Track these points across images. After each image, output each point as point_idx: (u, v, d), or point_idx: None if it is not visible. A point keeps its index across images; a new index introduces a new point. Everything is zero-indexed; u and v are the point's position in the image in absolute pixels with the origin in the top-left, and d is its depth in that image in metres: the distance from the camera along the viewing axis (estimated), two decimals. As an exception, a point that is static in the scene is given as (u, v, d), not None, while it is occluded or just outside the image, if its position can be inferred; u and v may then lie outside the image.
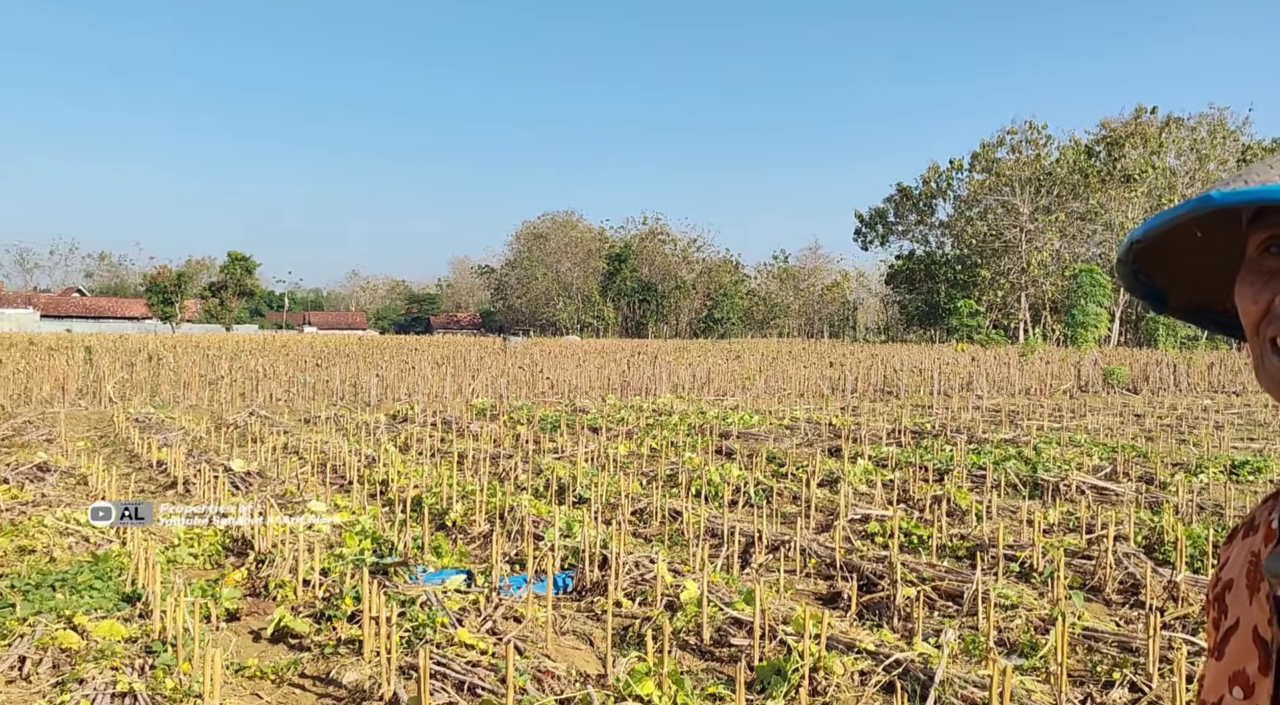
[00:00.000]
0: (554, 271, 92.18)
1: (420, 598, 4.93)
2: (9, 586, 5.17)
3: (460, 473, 9.42)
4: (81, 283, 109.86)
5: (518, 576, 5.73)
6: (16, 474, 9.08)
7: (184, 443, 11.61)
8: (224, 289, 77.77)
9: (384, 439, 12.14)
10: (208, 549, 6.56)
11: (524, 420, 14.42)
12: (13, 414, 15.26)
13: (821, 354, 35.75)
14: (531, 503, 7.59)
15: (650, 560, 5.90)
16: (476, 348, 38.68)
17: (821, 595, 5.90)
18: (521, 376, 22.14)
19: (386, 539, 6.41)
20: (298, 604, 5.16)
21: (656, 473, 9.53)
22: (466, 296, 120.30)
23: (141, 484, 9.44)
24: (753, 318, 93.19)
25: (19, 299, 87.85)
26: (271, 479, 9.11)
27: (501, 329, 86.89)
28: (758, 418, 14.41)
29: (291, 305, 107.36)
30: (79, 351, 28.35)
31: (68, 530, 6.71)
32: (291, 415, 15.76)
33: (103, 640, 4.35)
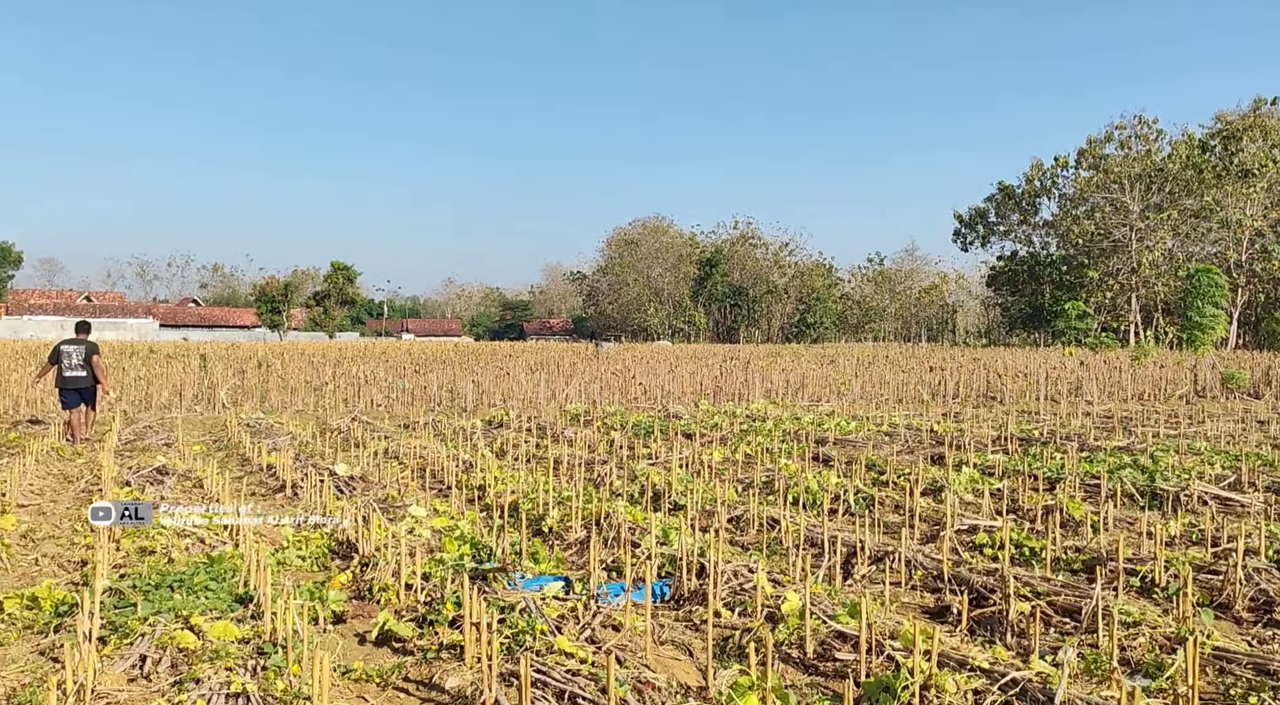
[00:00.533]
0: (645, 277, 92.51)
1: (519, 604, 4.93)
2: (130, 586, 5.38)
3: (556, 478, 9.46)
4: (197, 293, 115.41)
5: (614, 584, 5.69)
6: (138, 477, 9.51)
7: (291, 447, 11.99)
8: (327, 298, 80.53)
9: (480, 444, 12.31)
10: (315, 552, 6.73)
11: (617, 426, 14.44)
12: (135, 419, 16.05)
13: (920, 358, 34.88)
14: (627, 509, 7.56)
15: (749, 569, 5.79)
16: (569, 353, 39.06)
17: (929, 609, 5.69)
18: (614, 382, 22.21)
19: (485, 544, 6.46)
20: (400, 608, 5.23)
21: (752, 479, 9.40)
22: (559, 303, 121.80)
23: (253, 487, 9.77)
24: (846, 322, 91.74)
25: (140, 309, 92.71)
26: (374, 483, 9.32)
27: (593, 335, 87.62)
28: (855, 424, 14.10)
29: (390, 313, 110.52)
30: (194, 359, 29.71)
31: (185, 532, 6.97)
32: (391, 420, 16.15)
33: (217, 641, 4.47)
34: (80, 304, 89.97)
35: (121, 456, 11.21)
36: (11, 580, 6.12)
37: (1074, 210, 69.20)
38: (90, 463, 10.95)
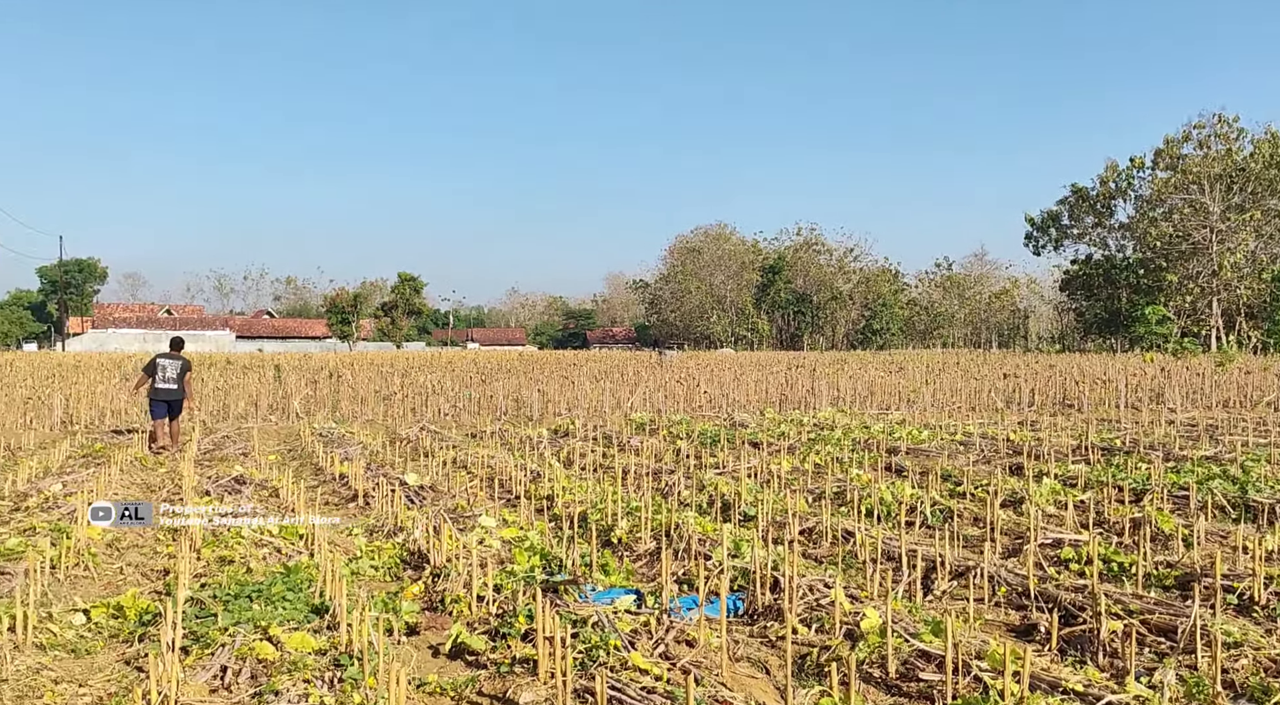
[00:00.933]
0: (707, 285, 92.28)
1: (591, 618, 4.88)
2: (211, 596, 5.47)
3: (623, 488, 9.41)
4: (271, 305, 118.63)
5: (686, 597, 5.60)
6: (217, 486, 9.73)
7: (362, 456, 12.16)
8: (395, 308, 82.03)
9: (547, 454, 12.33)
10: (387, 562, 6.78)
11: (683, 434, 14.35)
12: (213, 429, 16.48)
13: (992, 365, 34.09)
14: (696, 520, 7.47)
15: (825, 584, 5.65)
16: (633, 362, 39.09)
17: (1014, 627, 5.48)
18: (678, 390, 22.13)
19: (555, 556, 6.43)
20: (473, 620, 5.22)
21: (823, 490, 9.22)
22: (621, 311, 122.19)
23: (326, 496, 9.91)
24: (914, 328, 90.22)
25: (217, 322, 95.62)
26: (443, 493, 9.38)
27: (656, 343, 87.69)
28: (927, 433, 13.79)
29: (455, 322, 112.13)
30: (269, 370, 30.47)
31: (262, 542, 7.08)
32: (458, 430, 16.30)
33: (295, 651, 4.51)
34: (161, 317, 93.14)
35: (201, 466, 11.49)
36: (98, 589, 6.28)
37: (1151, 212, 67.10)
38: (172, 472, 11.25)
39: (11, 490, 9.27)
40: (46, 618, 5.19)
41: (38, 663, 4.61)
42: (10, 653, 4.57)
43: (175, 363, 13.21)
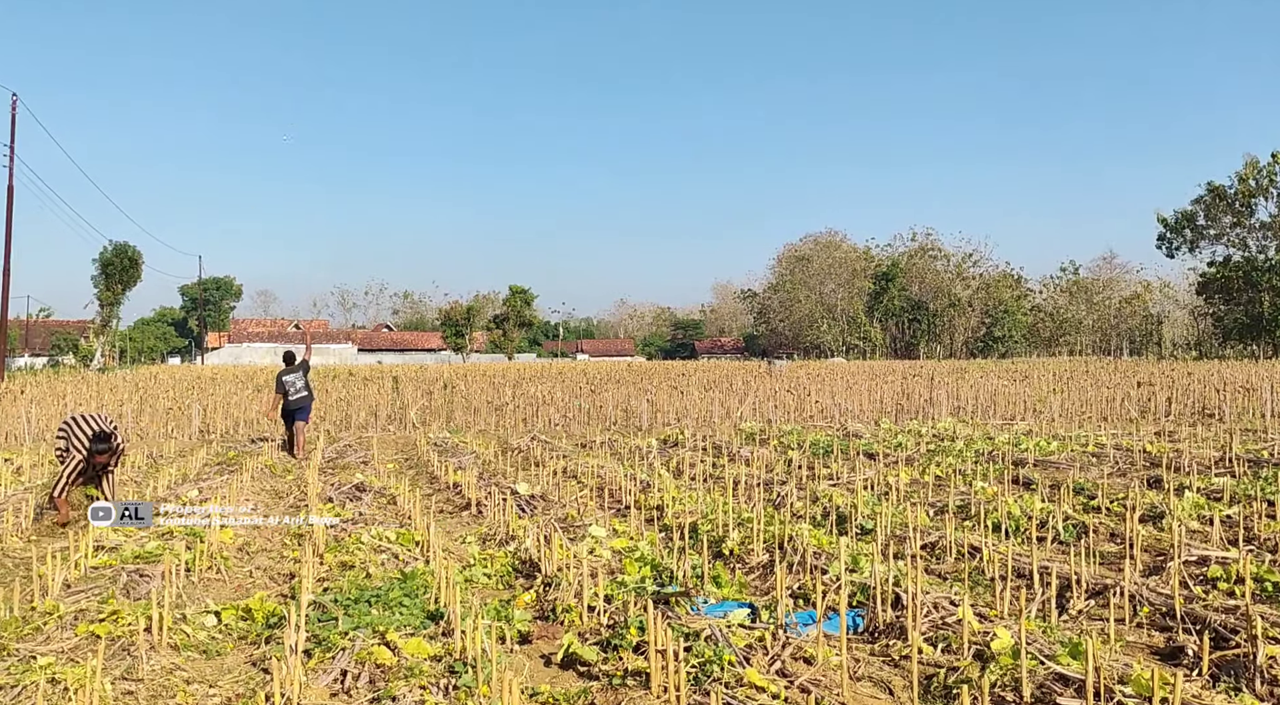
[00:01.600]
0: (817, 293, 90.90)
1: (704, 631, 4.76)
2: (332, 600, 5.59)
3: (734, 499, 9.26)
4: (389, 319, 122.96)
5: (803, 612, 5.42)
6: (339, 493, 10.03)
7: (475, 466, 12.36)
8: (506, 320, 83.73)
9: (656, 464, 12.27)
10: (500, 569, 6.82)
11: (795, 445, 14.07)
12: (336, 438, 17.09)
13: (1124, 372, 32.36)
14: (811, 532, 7.26)
15: (951, 602, 5.38)
16: (741, 372, 38.76)
17: (1158, 650, 5.09)
18: (789, 400, 21.78)
19: (665, 567, 6.33)
20: (584, 630, 5.17)
21: (945, 503, 8.86)
22: (729, 321, 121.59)
23: (440, 504, 10.10)
24: (1038, 335, 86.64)
25: (340, 335, 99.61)
26: (553, 502, 9.42)
27: (765, 353, 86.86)
28: (1056, 444, 13.13)
29: (565, 334, 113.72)
30: (388, 381, 31.49)
31: (380, 547, 7.24)
32: (568, 440, 16.42)
33: (411, 657, 4.55)
34: (290, 332, 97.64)
35: (325, 473, 11.89)
36: (229, 591, 6.52)
37: (1297, 208, 62.66)
38: (298, 479, 11.68)
39: (152, 495, 9.77)
40: (180, 619, 5.39)
41: (171, 663, 4.78)
42: (146, 653, 4.76)
43: (296, 374, 14.18)
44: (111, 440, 8.52)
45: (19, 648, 4.68)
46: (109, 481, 8.84)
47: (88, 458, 8.44)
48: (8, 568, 7.19)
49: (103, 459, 8.57)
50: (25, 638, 4.86)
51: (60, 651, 4.67)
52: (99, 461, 8.59)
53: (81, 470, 8.53)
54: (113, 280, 53.79)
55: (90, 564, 6.54)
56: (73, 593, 5.81)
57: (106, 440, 8.44)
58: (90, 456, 8.44)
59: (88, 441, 8.37)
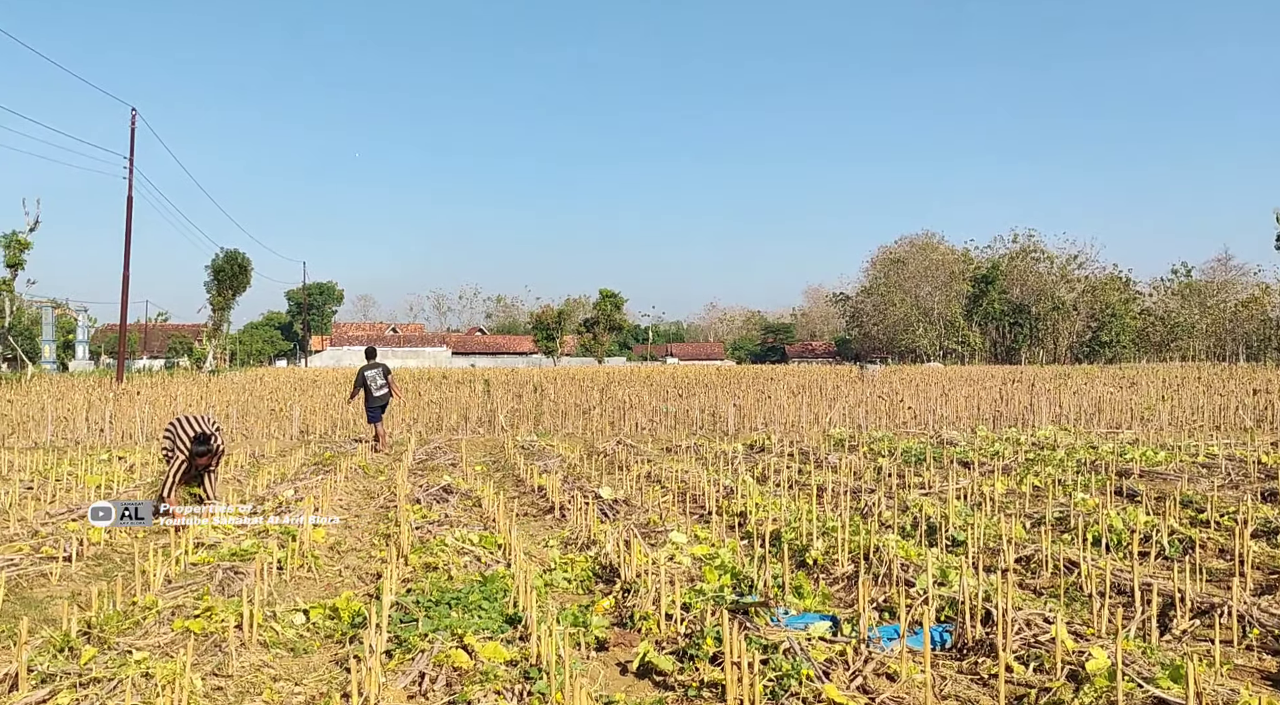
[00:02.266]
0: (913, 296, 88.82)
1: (783, 644, 4.65)
2: (414, 602, 5.67)
3: (819, 507, 9.07)
4: (482, 323, 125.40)
5: (887, 626, 5.25)
6: (427, 495, 10.22)
7: (560, 469, 12.44)
8: (596, 324, 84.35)
9: (741, 469, 12.14)
10: (579, 574, 6.82)
11: (885, 452, 13.74)
12: (427, 440, 17.45)
13: (1239, 379, 30.64)
14: (898, 543, 7.05)
15: (1045, 619, 5.14)
16: (832, 376, 38.15)
17: (1269, 675, 4.76)
18: (881, 406, 21.31)
19: (745, 575, 6.23)
20: (661, 639, 5.12)
21: (1042, 515, 8.50)
22: (821, 325, 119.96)
23: (525, 508, 10.19)
24: (1148, 340, 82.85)
25: (435, 338, 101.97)
26: (636, 507, 9.40)
27: (858, 357, 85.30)
28: (1163, 454, 12.48)
29: (655, 338, 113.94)
30: (479, 384, 32.07)
31: (463, 550, 7.33)
32: (654, 444, 16.40)
33: (487, 661, 4.57)
34: (388, 335, 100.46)
35: (414, 475, 12.14)
36: (319, 590, 6.69)
37: None
38: (389, 481, 11.95)
39: (251, 494, 10.13)
40: (271, 617, 5.55)
41: (260, 660, 4.92)
42: (237, 649, 4.90)
43: (379, 371, 15.05)
44: (211, 442, 8.84)
45: (119, 641, 4.88)
46: (210, 481, 9.19)
47: (190, 458, 8.78)
48: (115, 562, 7.54)
49: (204, 460, 8.90)
50: (125, 632, 5.07)
51: (155, 646, 4.85)
52: (200, 463, 8.92)
53: (185, 470, 8.89)
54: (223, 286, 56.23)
55: (190, 561, 6.80)
56: (172, 588, 6.04)
57: (206, 442, 8.76)
58: (192, 458, 8.78)
59: (189, 443, 8.72)
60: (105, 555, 7.70)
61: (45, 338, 52.97)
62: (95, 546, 7.78)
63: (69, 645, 4.81)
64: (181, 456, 8.69)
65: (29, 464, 12.49)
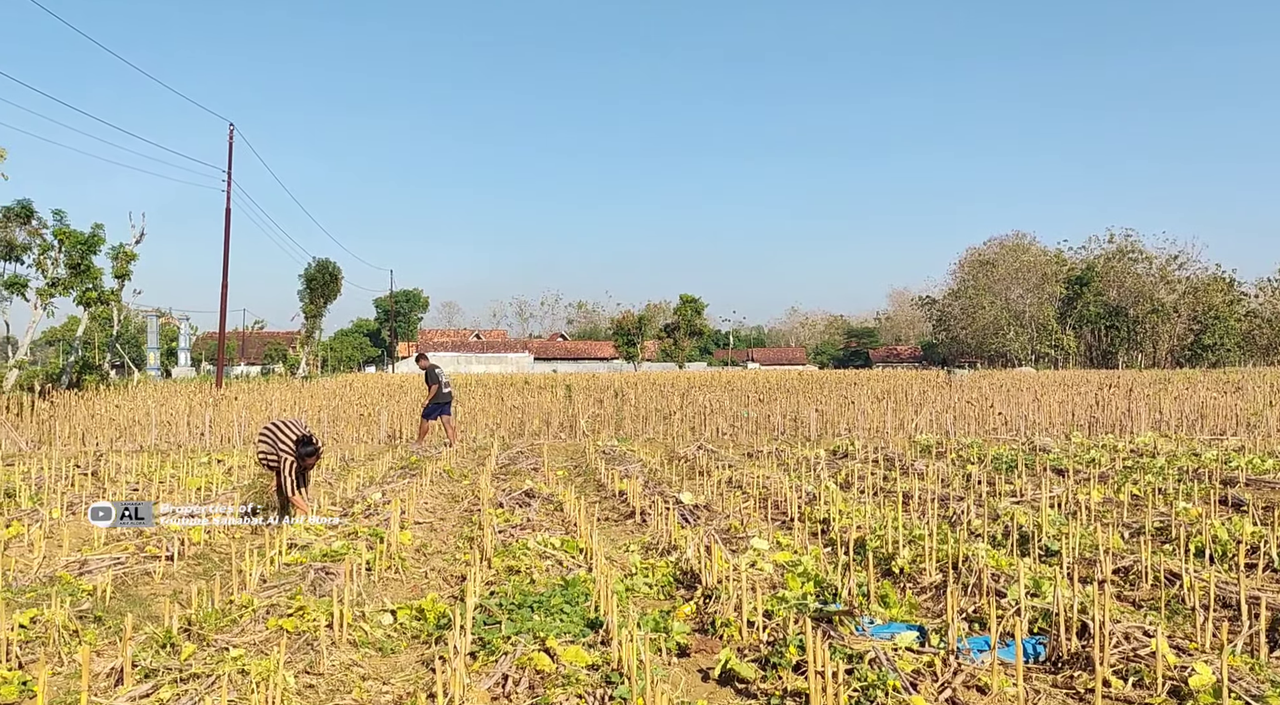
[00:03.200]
0: (1003, 299, 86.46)
1: (868, 653, 4.56)
2: (497, 604, 5.74)
3: (905, 514, 8.87)
4: (564, 329, 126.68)
5: (977, 638, 5.10)
6: (509, 499, 10.34)
7: (641, 474, 12.46)
8: (677, 329, 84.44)
9: (824, 475, 11.96)
10: (660, 579, 6.82)
11: (974, 459, 13.38)
12: (510, 444, 17.68)
13: (1355, 382, 28.95)
14: (989, 553, 6.84)
15: (1144, 632, 4.92)
16: (918, 381, 37.36)
17: (1398, 701, 4.46)
18: (969, 411, 20.76)
19: (829, 583, 6.13)
20: (743, 646, 5.07)
21: (1141, 524, 8.15)
22: (906, 329, 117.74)
23: (605, 512, 10.23)
24: (1254, 343, 78.99)
25: (518, 345, 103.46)
26: (717, 513, 9.35)
27: (945, 361, 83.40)
28: (1271, 461, 11.86)
29: (735, 343, 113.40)
30: (560, 389, 32.37)
31: (545, 554, 7.39)
32: (735, 449, 16.30)
33: (569, 665, 4.59)
34: (471, 341, 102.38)
35: (497, 480, 12.31)
36: (406, 591, 6.83)
37: None
38: (472, 485, 12.14)
39: (341, 497, 10.41)
40: (360, 617, 5.68)
41: (350, 659, 5.04)
42: (328, 648, 5.04)
43: (445, 371, 16.57)
44: (316, 443, 9.19)
45: (216, 638, 5.07)
46: (306, 483, 9.50)
47: (297, 460, 9.11)
48: (214, 562, 7.83)
49: (310, 461, 9.22)
50: (223, 629, 5.26)
51: (251, 644, 5.01)
52: (306, 464, 9.25)
53: (293, 470, 9.22)
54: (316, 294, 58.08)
55: (284, 561, 7.03)
56: (267, 588, 6.24)
57: (311, 443, 9.11)
58: (299, 459, 9.11)
59: (295, 445, 9.04)
60: (205, 555, 8.01)
61: (150, 345, 55.50)
62: (195, 546, 8.10)
63: (170, 641, 5.01)
64: (290, 459, 8.99)
65: (135, 467, 13.07)
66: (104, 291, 29.63)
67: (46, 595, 6.14)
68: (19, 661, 4.90)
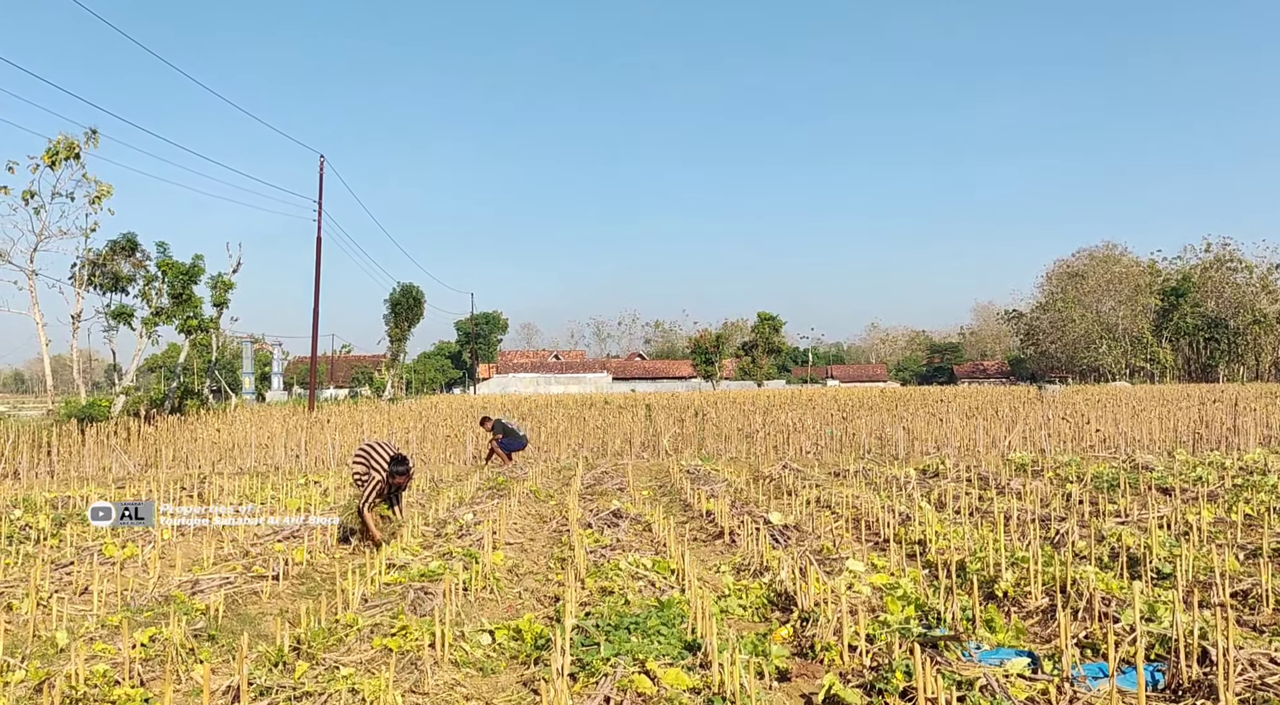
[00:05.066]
0: (1094, 312, 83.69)
1: (979, 680, 4.43)
2: (594, 626, 5.76)
3: (1004, 535, 8.62)
4: (641, 348, 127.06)
5: (1092, 665, 4.92)
6: (597, 519, 10.39)
7: (727, 494, 12.38)
8: (755, 347, 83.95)
9: (916, 495, 11.71)
10: (754, 601, 6.75)
11: (1073, 478, 12.94)
12: (594, 464, 17.78)
13: None
14: (1098, 576, 6.60)
15: (1271, 659, 4.69)
16: (1007, 397, 36.37)
17: None
18: (1064, 428, 20.11)
19: (931, 607, 5.99)
20: (845, 671, 4.98)
21: (1257, 545, 7.77)
22: (992, 343, 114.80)
23: (694, 532, 10.19)
24: (1365, 352, 74.80)
25: (596, 364, 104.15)
26: (807, 533, 9.22)
27: (1033, 377, 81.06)
28: (1400, 479, 11.18)
29: (814, 360, 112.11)
30: (640, 409, 32.44)
31: (637, 574, 7.39)
32: (820, 468, 16.08)
33: (670, 688, 4.57)
34: (550, 362, 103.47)
35: (584, 500, 12.38)
36: (500, 611, 6.91)
37: None
38: (559, 505, 12.23)
39: (434, 518, 10.61)
40: (459, 636, 5.77)
41: (452, 678, 5.11)
42: (431, 667, 5.12)
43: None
44: (408, 464, 9.45)
45: (325, 657, 5.20)
46: (399, 502, 9.74)
47: (387, 479, 9.36)
48: (316, 582, 8.05)
49: (400, 480, 9.49)
50: (330, 648, 5.39)
51: (358, 662, 5.13)
52: (397, 483, 9.51)
53: (380, 491, 9.47)
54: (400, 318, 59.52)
55: (384, 581, 7.18)
56: (369, 607, 6.39)
57: (404, 463, 9.38)
58: (390, 478, 9.37)
59: (387, 464, 9.30)
60: (308, 574, 8.24)
61: (245, 370, 57.60)
62: (298, 566, 8.34)
63: (282, 660, 5.16)
64: (379, 477, 9.26)
65: (237, 488, 13.55)
66: (204, 319, 30.87)
67: (163, 614, 6.39)
68: (140, 679, 5.11)
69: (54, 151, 28.22)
